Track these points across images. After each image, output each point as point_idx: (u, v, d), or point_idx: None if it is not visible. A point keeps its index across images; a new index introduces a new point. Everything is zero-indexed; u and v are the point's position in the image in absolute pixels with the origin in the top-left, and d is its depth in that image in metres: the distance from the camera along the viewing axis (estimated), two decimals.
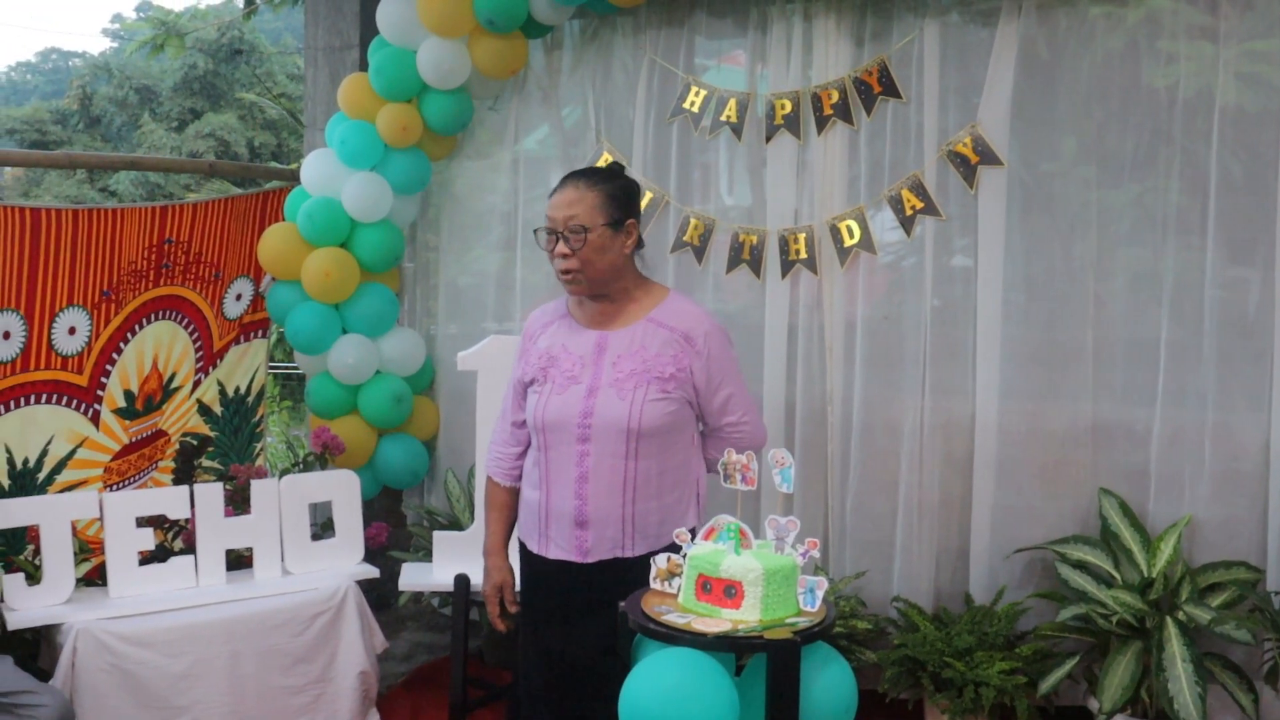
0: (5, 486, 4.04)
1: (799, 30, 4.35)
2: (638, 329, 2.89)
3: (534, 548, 2.96)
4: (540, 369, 2.93)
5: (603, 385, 2.84)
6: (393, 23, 4.53)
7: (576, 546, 2.86)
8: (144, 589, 3.77)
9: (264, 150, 24.53)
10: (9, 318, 3.99)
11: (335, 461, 4.42)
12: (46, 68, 49.33)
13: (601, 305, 2.93)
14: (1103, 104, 4.02)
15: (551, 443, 2.88)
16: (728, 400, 2.94)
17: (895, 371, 4.28)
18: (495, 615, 3.08)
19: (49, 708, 3.19)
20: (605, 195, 2.85)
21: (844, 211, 4.31)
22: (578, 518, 2.84)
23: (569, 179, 2.92)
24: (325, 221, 4.55)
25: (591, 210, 2.83)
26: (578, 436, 2.83)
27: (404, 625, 5.14)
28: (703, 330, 2.89)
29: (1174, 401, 3.95)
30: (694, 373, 2.87)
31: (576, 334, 2.94)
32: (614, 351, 2.87)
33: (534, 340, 3.01)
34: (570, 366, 2.89)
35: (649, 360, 2.84)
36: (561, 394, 2.87)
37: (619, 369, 2.84)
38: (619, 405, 2.81)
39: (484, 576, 3.11)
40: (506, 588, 3.07)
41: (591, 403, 2.83)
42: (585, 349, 2.90)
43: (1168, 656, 3.51)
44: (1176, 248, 3.95)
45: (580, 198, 2.84)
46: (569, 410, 2.84)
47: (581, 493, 2.83)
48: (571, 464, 2.84)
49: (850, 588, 4.22)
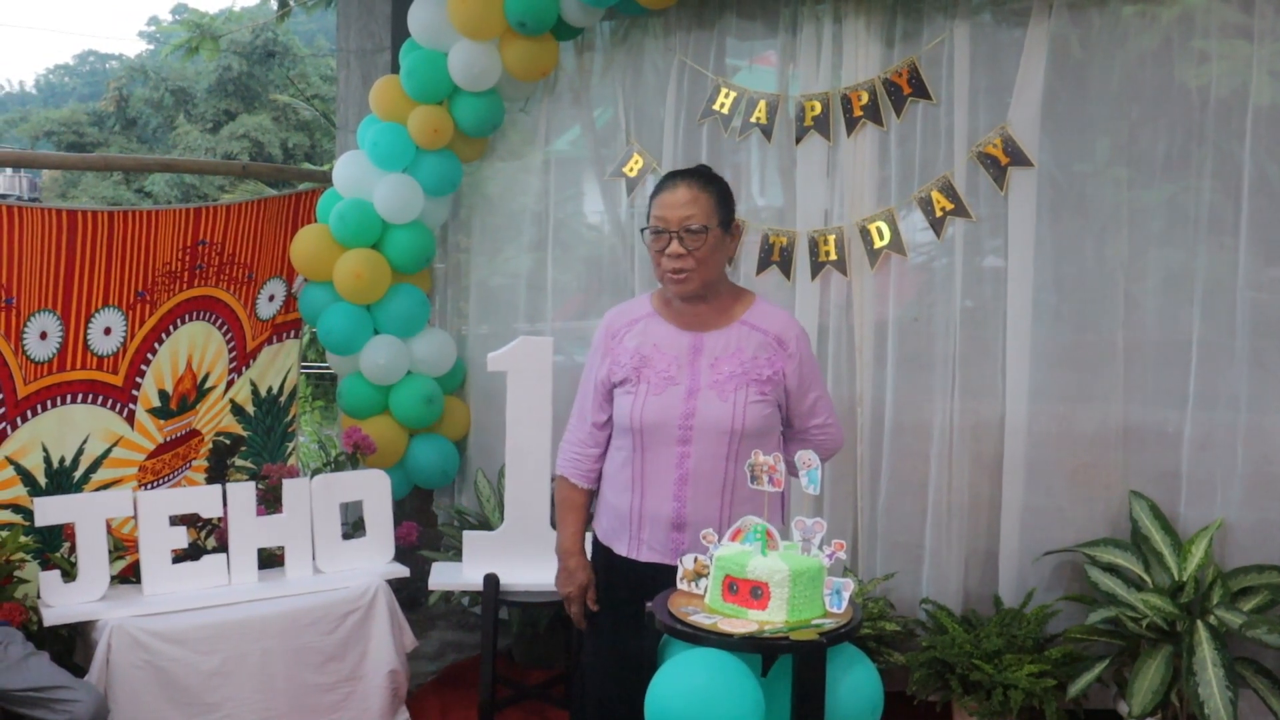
0: (42, 485, 4.09)
1: (829, 32, 4.34)
2: (733, 331, 2.87)
3: (623, 551, 2.92)
4: (633, 369, 2.89)
5: (703, 387, 2.82)
6: (424, 25, 4.56)
7: (673, 549, 2.82)
8: (177, 587, 3.81)
9: (297, 151, 24.72)
10: (46, 318, 4.04)
11: (366, 461, 4.45)
12: (84, 70, 49.89)
13: (696, 307, 2.89)
14: (1135, 104, 3.99)
15: (649, 444, 2.84)
16: (815, 402, 2.94)
17: (925, 373, 4.26)
18: (580, 615, 3.04)
19: (84, 703, 3.23)
20: (717, 196, 2.84)
21: (874, 213, 4.30)
22: (675, 520, 2.82)
23: (679, 178, 2.86)
24: (357, 223, 4.58)
25: (708, 210, 2.80)
26: (679, 438, 2.81)
27: (434, 624, 5.16)
28: (794, 334, 2.90)
29: (1206, 403, 3.92)
30: (787, 375, 2.86)
31: (669, 334, 2.90)
32: (711, 353, 2.85)
33: (619, 339, 2.96)
34: (665, 367, 2.86)
35: (747, 362, 2.83)
36: (659, 395, 2.83)
37: (718, 370, 2.82)
38: (721, 406, 2.79)
39: (564, 577, 3.05)
40: (591, 586, 3.02)
41: (693, 404, 2.81)
42: (680, 350, 2.87)
43: (1198, 661, 3.48)
44: (1209, 248, 3.92)
45: (695, 198, 2.80)
46: (669, 411, 2.82)
47: (681, 495, 2.81)
48: (671, 465, 2.82)
49: (879, 589, 4.22)
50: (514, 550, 4.00)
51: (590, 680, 3.06)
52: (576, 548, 3.05)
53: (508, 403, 4.03)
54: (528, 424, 3.96)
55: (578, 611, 3.04)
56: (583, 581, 3.02)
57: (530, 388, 3.95)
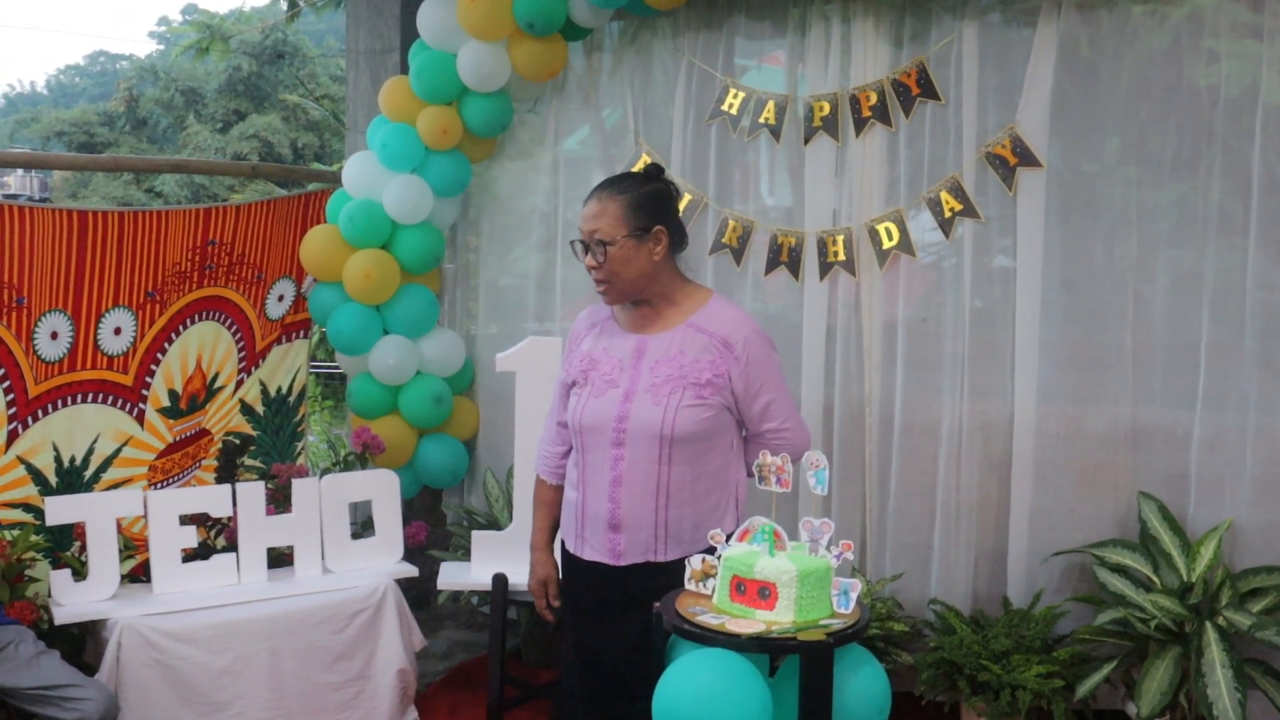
0: (53, 484, 4.11)
1: (837, 32, 4.34)
2: (676, 334, 2.87)
3: (571, 547, 2.99)
4: (581, 371, 2.94)
5: (639, 390, 2.83)
6: (433, 26, 4.56)
7: (609, 549, 2.87)
8: (187, 586, 3.83)
9: (307, 151, 24.76)
10: (57, 318, 4.06)
11: (375, 461, 4.46)
12: (94, 71, 50.03)
13: (641, 310, 2.92)
14: (1144, 103, 3.99)
15: (588, 445, 2.89)
16: (767, 407, 2.90)
17: (933, 373, 4.26)
18: (542, 608, 3.15)
19: (94, 701, 3.24)
20: (627, 205, 2.83)
21: (882, 213, 4.30)
22: (611, 520, 2.85)
23: (595, 190, 2.90)
24: (366, 223, 4.59)
25: (613, 222, 2.82)
26: (613, 440, 2.84)
27: (442, 624, 5.17)
28: (742, 336, 2.86)
29: (1215, 404, 3.91)
30: (732, 379, 2.84)
31: (617, 337, 2.94)
32: (652, 356, 2.86)
33: (579, 342, 3.02)
34: (609, 370, 2.89)
35: (686, 366, 2.82)
36: (599, 397, 2.87)
37: (655, 374, 2.84)
38: (653, 411, 2.80)
39: (529, 571, 3.16)
40: (550, 582, 3.12)
41: (627, 407, 2.83)
42: (625, 353, 2.90)
43: (1207, 662, 3.48)
44: (1218, 248, 3.91)
45: (602, 210, 2.83)
46: (605, 414, 2.85)
47: (615, 496, 2.84)
48: (606, 467, 2.85)
49: (887, 590, 4.21)
50: (522, 550, 3.96)
51: (561, 674, 3.16)
52: (541, 543, 3.15)
53: (516, 403, 4.03)
54: (536, 424, 3.95)
55: (539, 605, 3.16)
56: (541, 576, 3.13)
57: (539, 388, 3.96)
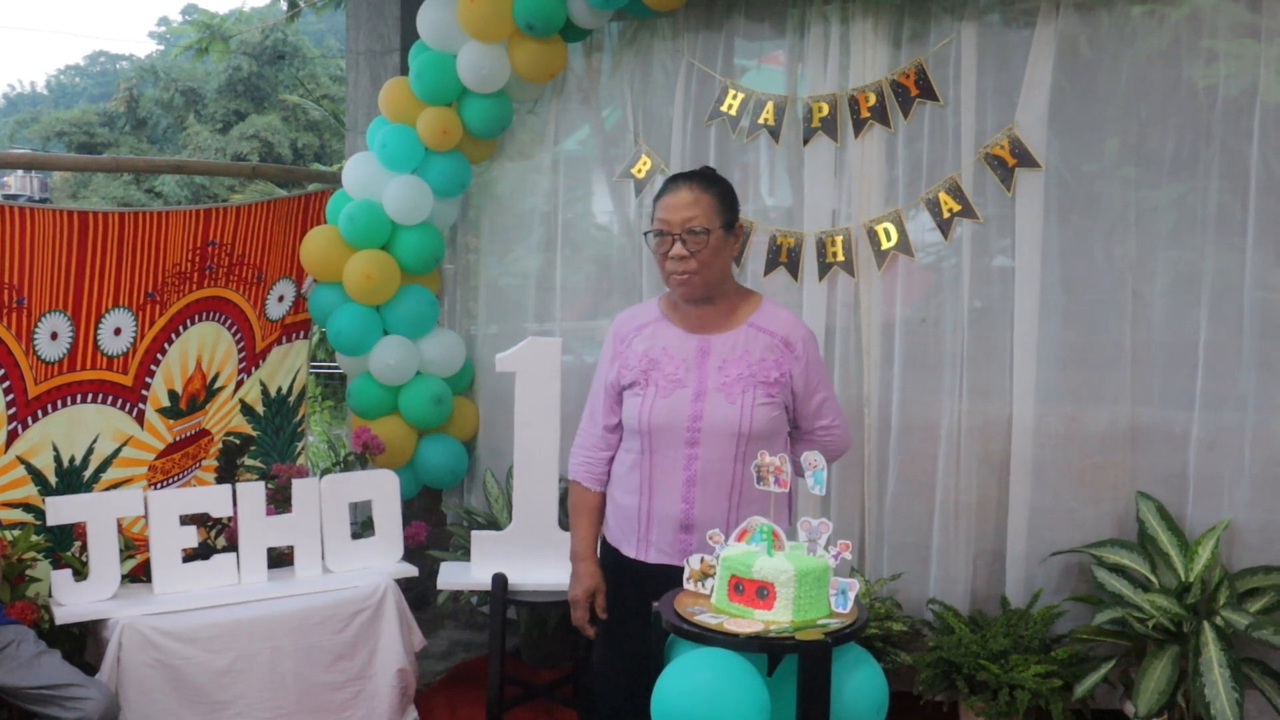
0: (53, 484, 4.11)
1: (836, 33, 4.35)
2: (740, 334, 2.88)
3: (631, 552, 2.94)
4: (642, 372, 2.90)
5: (709, 389, 2.83)
6: (433, 27, 4.57)
7: (680, 550, 2.84)
8: (187, 586, 3.83)
9: (307, 151, 24.75)
10: (57, 319, 4.06)
11: (376, 461, 4.46)
12: (94, 71, 50.03)
13: (702, 310, 2.91)
14: (1143, 104, 4.00)
15: (657, 446, 2.86)
16: (822, 404, 2.95)
17: (932, 374, 4.27)
18: (585, 621, 3.04)
19: (95, 701, 3.25)
20: (719, 198, 2.84)
21: (881, 214, 4.30)
22: (684, 521, 2.83)
23: (681, 180, 2.87)
24: (366, 224, 4.60)
25: (710, 212, 2.81)
26: (686, 440, 2.82)
27: (442, 623, 5.18)
28: (800, 335, 2.90)
29: (1213, 404, 3.93)
30: (794, 377, 2.87)
31: (676, 338, 2.91)
32: (718, 356, 2.86)
33: (627, 343, 2.97)
34: (674, 370, 2.87)
35: (754, 365, 2.84)
36: (667, 397, 2.85)
37: (725, 373, 2.83)
38: (729, 409, 2.80)
39: (573, 581, 3.05)
40: (599, 593, 3.02)
41: (700, 406, 2.82)
42: (688, 353, 2.88)
43: (1204, 662, 3.48)
44: (1217, 249, 3.92)
45: (697, 199, 2.81)
46: (677, 414, 2.83)
47: (689, 496, 2.83)
48: (679, 467, 2.83)
49: (886, 589, 4.22)
50: (522, 550, 4.02)
51: (599, 683, 3.07)
52: (587, 552, 3.05)
53: (516, 403, 4.04)
54: (536, 424, 3.98)
55: (580, 616, 3.04)
56: (589, 586, 3.02)
57: (539, 388, 3.97)
